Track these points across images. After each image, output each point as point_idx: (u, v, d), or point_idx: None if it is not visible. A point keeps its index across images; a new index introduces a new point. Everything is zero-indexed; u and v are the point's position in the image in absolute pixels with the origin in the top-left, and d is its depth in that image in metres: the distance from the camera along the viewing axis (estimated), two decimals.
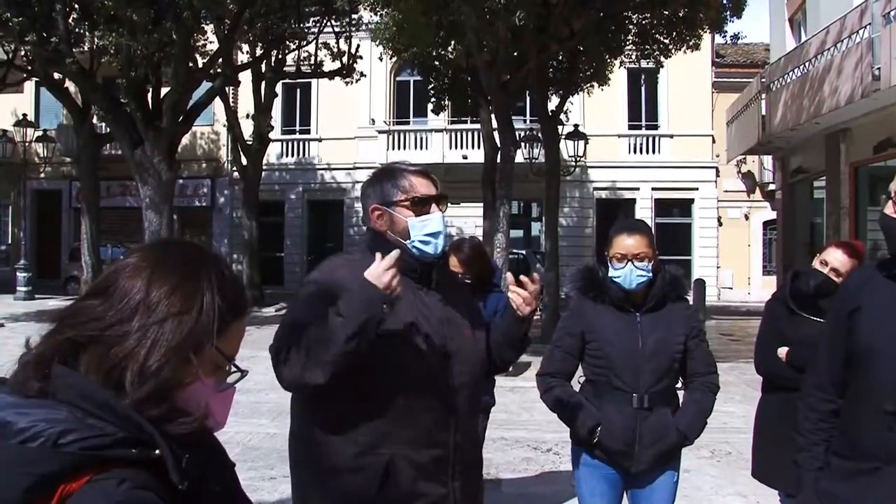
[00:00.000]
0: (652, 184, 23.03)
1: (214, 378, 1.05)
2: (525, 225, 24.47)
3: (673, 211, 23.70)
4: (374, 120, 23.77)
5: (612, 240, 2.75)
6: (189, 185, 24.31)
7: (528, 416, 7.33)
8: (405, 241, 2.00)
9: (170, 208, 14.33)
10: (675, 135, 23.12)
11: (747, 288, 23.41)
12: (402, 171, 2.07)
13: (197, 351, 1.01)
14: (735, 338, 14.15)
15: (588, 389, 2.83)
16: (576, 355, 2.84)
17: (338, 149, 23.76)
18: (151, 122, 14.13)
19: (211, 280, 1.04)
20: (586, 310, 2.81)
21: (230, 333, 1.06)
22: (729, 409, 7.33)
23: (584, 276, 2.85)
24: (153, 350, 0.97)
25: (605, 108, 21.93)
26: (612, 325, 2.74)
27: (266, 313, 16.96)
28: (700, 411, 2.75)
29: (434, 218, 2.03)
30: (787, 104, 12.71)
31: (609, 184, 23.31)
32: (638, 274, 2.68)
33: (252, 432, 6.52)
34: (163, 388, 0.97)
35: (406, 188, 2.03)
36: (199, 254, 1.09)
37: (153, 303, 1.00)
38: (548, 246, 13.61)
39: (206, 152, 24.99)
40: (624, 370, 2.69)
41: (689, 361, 2.78)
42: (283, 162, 24.64)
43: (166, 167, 14.10)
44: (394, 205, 2.02)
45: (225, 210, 24.71)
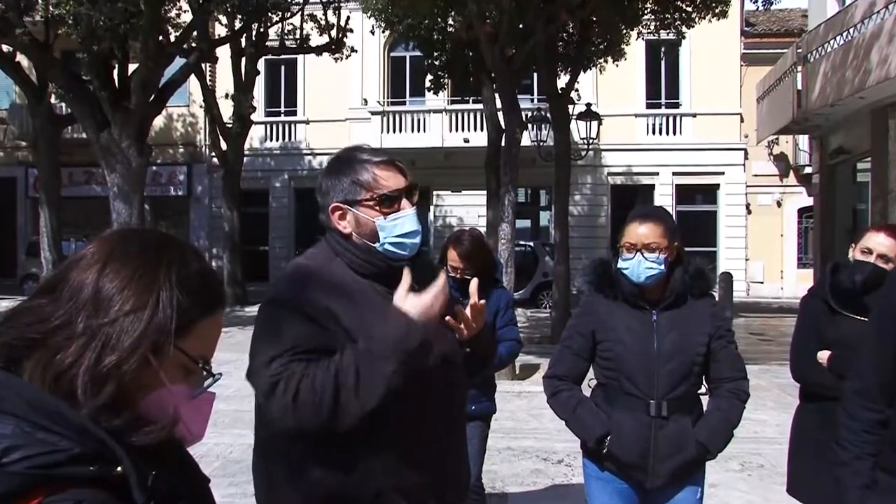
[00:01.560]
0: (672, 168, 23.00)
1: (186, 383, 1.04)
2: (532, 214, 24.47)
3: (696, 198, 23.68)
4: (366, 100, 23.73)
5: (624, 228, 2.76)
6: (163, 173, 24.33)
7: (537, 423, 7.34)
8: (374, 245, 1.95)
9: (141, 198, 14.30)
10: (699, 114, 23.06)
11: (780, 282, 23.40)
12: (363, 162, 1.96)
13: (156, 352, 0.99)
14: (766, 338, 14.16)
15: (599, 394, 2.83)
16: (586, 356, 2.84)
17: (327, 132, 23.72)
18: (118, 102, 13.98)
19: (171, 271, 1.02)
20: (598, 307, 2.80)
21: (198, 332, 1.04)
22: (760, 416, 7.34)
23: (596, 269, 2.84)
24: (104, 353, 0.96)
25: (620, 85, 21.89)
26: (625, 324, 2.73)
27: (249, 313, 16.97)
28: (725, 421, 2.73)
29: (406, 216, 1.95)
30: (827, 76, 12.61)
31: (625, 168, 23.29)
32: (647, 266, 2.66)
33: (233, 444, 6.53)
34: (123, 395, 0.96)
35: (370, 184, 1.94)
36: (159, 242, 1.06)
37: (104, 300, 0.98)
38: (557, 237, 13.60)
39: (182, 136, 24.98)
40: (637, 373, 2.68)
41: (713, 364, 2.76)
42: (266, 147, 24.63)
43: (136, 152, 14.04)
44: (357, 204, 1.94)
45: (203, 200, 24.72)
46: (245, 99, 19.09)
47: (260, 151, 24.34)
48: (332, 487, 1.83)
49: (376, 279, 1.95)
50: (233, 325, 14.35)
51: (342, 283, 1.92)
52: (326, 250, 2.00)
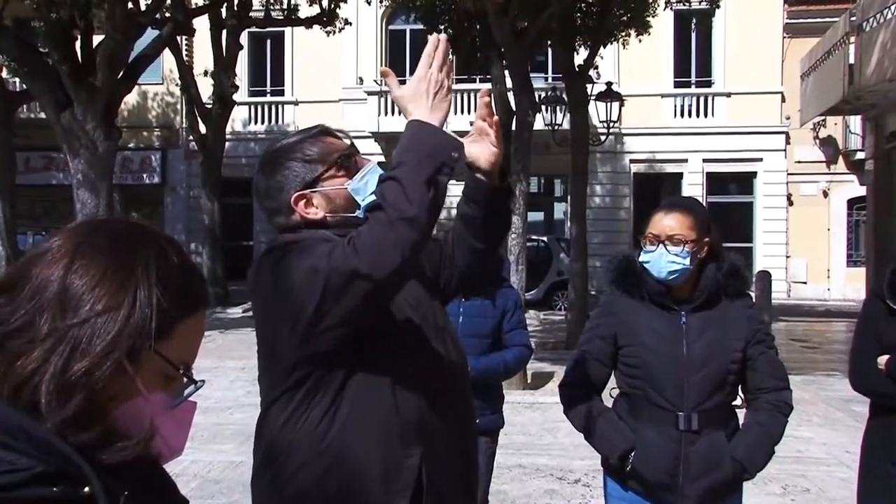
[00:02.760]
0: (703, 154, 22.98)
1: (164, 392, 1.03)
2: (546, 206, 24.46)
3: (730, 187, 23.65)
4: (362, 79, 23.72)
5: (650, 219, 2.77)
6: (134, 159, 24.38)
7: (552, 438, 7.35)
8: (353, 213, 1.95)
9: (109, 186, 14.24)
10: (734, 93, 23.00)
11: (826, 282, 23.33)
12: (302, 141, 2.00)
13: (132, 357, 0.98)
14: (811, 345, 14.13)
15: (622, 405, 2.83)
16: (607, 362, 2.84)
17: (318, 114, 23.69)
18: (82, 79, 13.78)
19: (149, 266, 1.01)
20: (620, 307, 2.81)
21: (179, 334, 1.03)
22: (805, 433, 7.32)
23: (619, 266, 2.85)
24: (73, 359, 0.95)
25: (645, 61, 21.85)
26: (651, 327, 2.73)
27: (232, 314, 17.01)
28: (764, 436, 2.71)
29: (371, 168, 1.99)
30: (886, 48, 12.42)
31: (649, 155, 23.27)
32: (670, 260, 2.66)
33: (212, 461, 6.53)
34: (93, 406, 0.95)
35: (322, 154, 1.97)
36: (134, 233, 1.06)
37: (72, 298, 0.97)
38: (574, 231, 13.59)
39: (156, 118, 25.03)
40: (665, 382, 2.68)
41: (750, 373, 2.75)
42: (251, 130, 24.66)
43: (103, 135, 13.97)
44: (318, 181, 1.96)
45: (180, 189, 24.77)
46: (226, 77, 19.11)
47: (243, 135, 24.37)
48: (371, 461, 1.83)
49: None
50: (213, 328, 14.39)
51: None
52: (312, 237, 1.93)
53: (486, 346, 3.87)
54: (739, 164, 23.06)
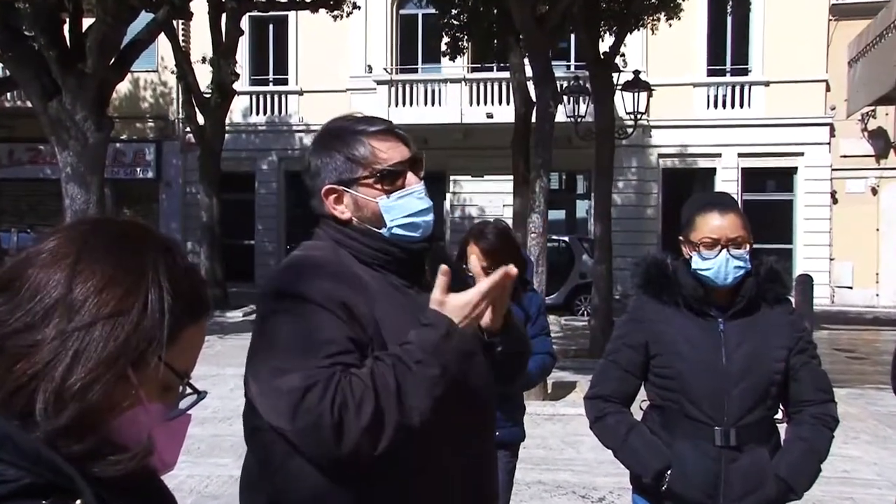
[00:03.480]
0: (739, 148, 22.88)
1: (162, 402, 1.04)
2: (568, 203, 24.44)
3: (767, 184, 23.55)
4: (370, 67, 23.77)
5: (694, 220, 2.73)
6: (127, 151, 24.52)
7: (574, 453, 7.34)
8: (379, 230, 1.95)
9: (100, 181, 14.30)
10: (773, 81, 22.87)
11: (874, 287, 23.10)
12: (357, 133, 1.98)
13: (137, 365, 0.99)
14: (858, 355, 14.02)
15: (654, 419, 2.82)
16: (637, 373, 2.84)
17: (324, 105, 23.77)
18: (71, 65, 13.77)
19: (158, 270, 1.02)
20: (651, 313, 2.80)
21: (184, 342, 1.04)
22: (852, 452, 7.26)
23: (648, 269, 2.84)
24: (76, 364, 0.95)
25: (675, 47, 21.79)
26: (686, 334, 2.72)
27: (231, 318, 17.09)
28: (810, 453, 2.70)
29: (413, 192, 1.97)
30: None
31: (679, 149, 23.21)
32: (735, 265, 2.66)
33: (209, 476, 6.56)
34: (89, 416, 0.95)
35: (367, 158, 1.95)
36: (142, 235, 1.07)
37: (77, 301, 0.98)
38: (598, 231, 13.57)
39: (150, 108, 25.17)
40: (702, 395, 2.67)
41: (793, 385, 2.74)
42: (252, 122, 24.77)
43: (94, 125, 14.02)
44: (354, 183, 1.96)
45: (175, 184, 24.89)
46: (226, 64, 19.17)
47: (244, 127, 24.48)
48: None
49: (390, 269, 1.96)
50: (212, 333, 14.44)
51: (354, 275, 1.91)
52: (327, 240, 2.00)
53: None
54: (778, 159, 22.93)
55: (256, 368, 1.84)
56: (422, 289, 1.97)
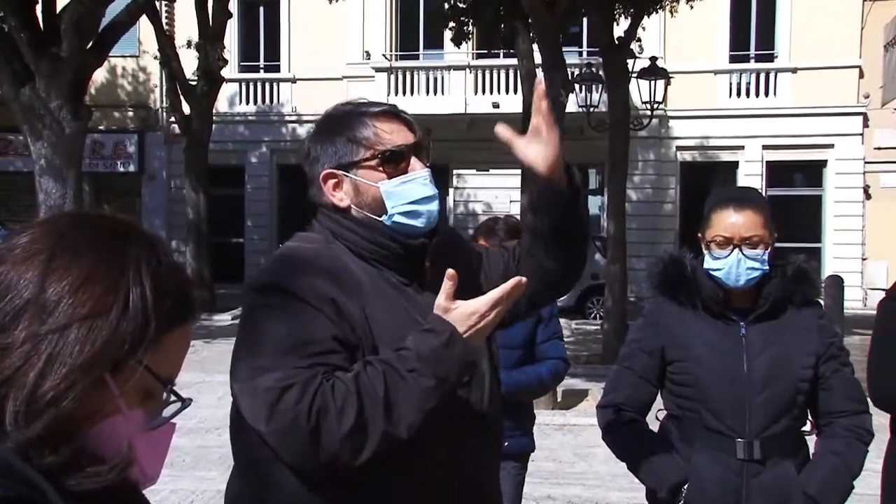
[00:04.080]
0: (763, 140, 22.85)
1: (143, 409, 1.04)
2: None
3: (795, 179, 23.52)
4: (368, 53, 23.77)
5: (709, 216, 2.73)
6: (106, 142, 24.50)
7: (586, 465, 7.35)
8: (379, 218, 1.97)
9: (77, 174, 14.24)
10: (801, 68, 22.83)
11: None
12: (360, 115, 2.01)
13: (116, 370, 0.99)
14: None
15: (671, 429, 2.83)
16: (653, 380, 2.84)
17: (318, 93, 23.77)
18: (45, 49, 13.63)
19: (141, 268, 1.02)
20: (668, 317, 2.80)
21: (168, 345, 1.04)
22: None
23: (665, 269, 2.84)
24: (49, 370, 0.95)
25: (695, 32, 21.77)
26: (705, 339, 2.72)
27: (219, 322, 17.10)
28: (841, 468, 2.69)
29: (418, 176, 1.98)
30: None
31: (699, 141, 23.19)
32: (749, 266, 2.65)
33: (195, 490, 6.56)
34: (64, 425, 0.95)
35: (370, 139, 1.97)
36: (122, 230, 1.06)
37: (51, 301, 0.97)
38: (611, 228, 13.56)
39: (131, 95, 25.16)
40: (723, 404, 2.66)
41: (822, 394, 2.74)
42: (241, 111, 24.78)
43: (70, 114, 13.96)
44: (355, 166, 1.98)
45: (159, 178, 24.92)
46: (213, 49, 19.17)
47: (233, 117, 24.50)
48: None
49: (387, 265, 1.96)
50: (198, 337, 14.45)
51: (346, 271, 1.92)
52: (322, 232, 2.01)
53: (518, 357, 3.86)
54: (807, 152, 22.86)
55: (236, 365, 1.87)
56: (420, 287, 1.98)
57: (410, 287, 1.98)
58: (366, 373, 1.76)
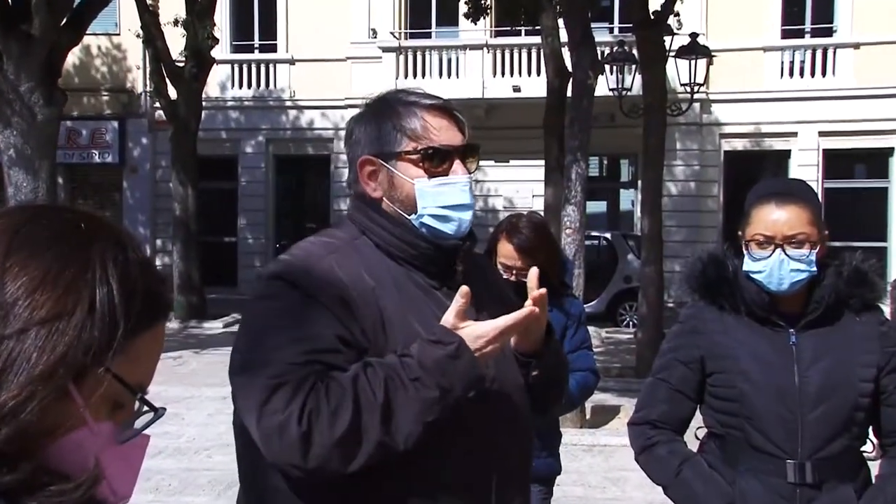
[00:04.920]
0: (820, 126, 22.71)
1: (111, 421, 1.04)
2: (610, 194, 24.42)
3: (856, 169, 23.44)
4: (375, 31, 23.79)
5: (749, 212, 2.73)
6: (82, 130, 24.62)
7: (618, 491, 7.35)
8: (409, 216, 2.04)
9: (51, 165, 14.30)
10: (864, 43, 22.67)
11: None
12: (411, 104, 2.08)
13: (81, 379, 0.98)
14: None
15: (713, 449, 2.82)
16: (691, 394, 2.84)
17: (320, 76, 23.86)
18: (13, 26, 13.66)
19: (106, 265, 1.02)
20: (707, 323, 2.80)
21: (138, 350, 1.04)
22: None
23: (705, 269, 2.83)
24: (5, 380, 0.95)
25: (741, 4, 21.73)
26: (751, 348, 2.71)
27: (210, 330, 17.14)
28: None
29: (458, 182, 2.05)
30: None
31: (746, 127, 23.11)
32: (793, 268, 2.64)
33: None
34: (23, 440, 0.95)
35: (416, 131, 2.04)
36: (86, 224, 1.06)
37: (6, 303, 0.97)
38: (646, 226, 13.54)
39: (110, 78, 25.27)
40: (771, 421, 2.66)
41: (885, 411, 2.73)
42: (234, 96, 24.86)
43: (42, 99, 14.01)
44: (395, 157, 2.04)
45: (142, 170, 25.01)
46: (202, 27, 19.21)
47: (224, 102, 24.59)
48: None
49: (416, 266, 2.03)
50: (187, 346, 14.50)
51: (370, 266, 1.99)
52: (349, 226, 2.09)
53: None
54: (869, 138, 22.70)
55: (232, 356, 1.94)
56: (450, 291, 2.03)
57: (440, 291, 2.05)
58: (365, 376, 1.81)
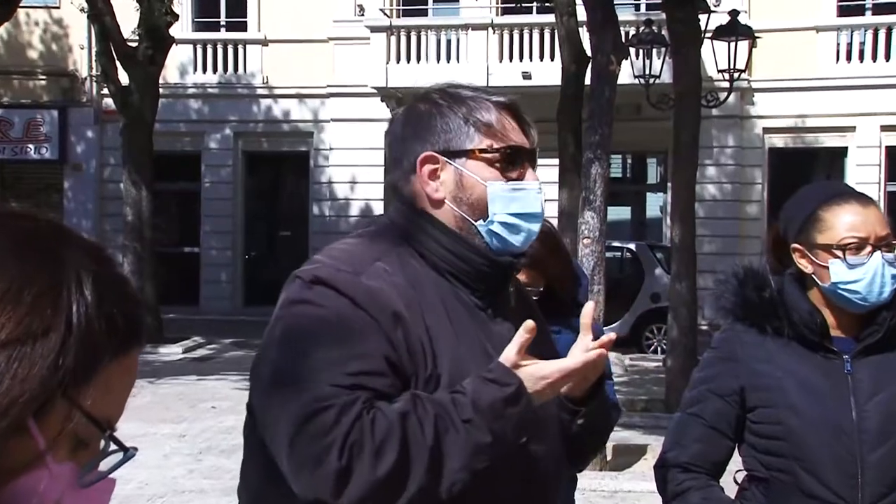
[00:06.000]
0: (882, 119, 22.64)
1: (73, 462, 1.03)
2: (635, 197, 24.44)
3: None
4: (362, 8, 23.76)
5: (820, 215, 2.70)
6: (13, 120, 24.56)
7: None
8: (475, 222, 2.07)
9: None
10: None
11: None
12: (482, 100, 2.14)
13: (42, 412, 0.98)
14: None
15: (755, 496, 2.81)
16: (728, 432, 2.83)
17: (297, 59, 23.84)
18: None
19: (81, 282, 1.01)
20: (747, 349, 2.80)
21: (108, 380, 1.04)
22: None
23: (743, 286, 2.83)
24: None
25: None
26: (800, 378, 2.71)
27: (167, 356, 17.01)
28: None
29: (533, 188, 2.11)
30: None
31: (795, 121, 23.07)
32: (893, 274, 2.64)
33: None
34: None
35: (492, 128, 2.09)
36: (53, 233, 1.06)
37: None
38: (676, 235, 13.52)
39: (47, 59, 25.14)
40: (825, 463, 2.66)
41: None
42: (197, 81, 24.84)
43: None
44: (466, 155, 2.07)
45: (88, 168, 24.93)
46: (160, 1, 19.19)
47: (186, 89, 24.59)
48: None
49: (463, 282, 2.06)
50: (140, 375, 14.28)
51: (417, 279, 2.00)
52: (391, 231, 2.09)
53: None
54: None
55: (261, 367, 1.95)
56: (496, 313, 2.09)
57: (485, 312, 2.07)
58: (414, 411, 1.82)
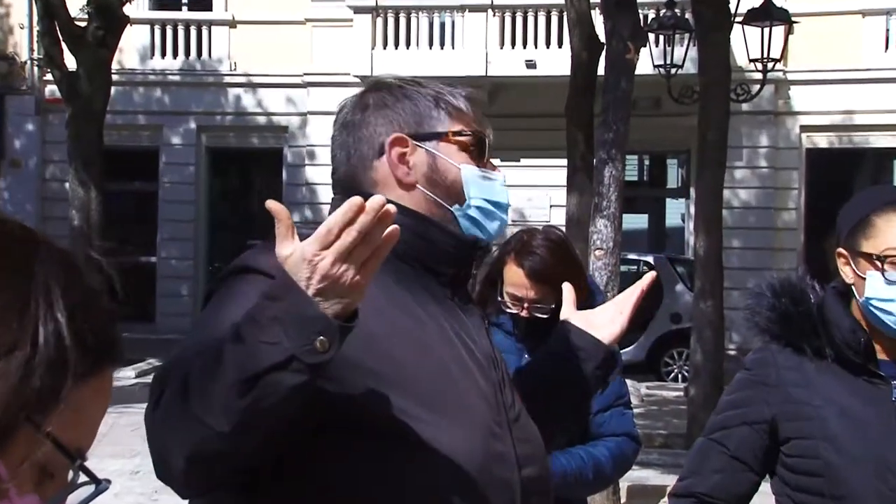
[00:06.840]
0: None
1: (39, 494, 1.04)
2: (654, 203, 24.49)
3: None
4: None
5: (872, 221, 2.71)
6: None
7: None
8: (451, 207, 2.17)
9: None
10: None
11: None
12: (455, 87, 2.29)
13: (4, 438, 0.99)
14: None
15: None
16: (755, 464, 2.85)
17: (269, 43, 23.88)
18: None
19: (51, 294, 1.03)
20: (783, 373, 2.81)
21: (79, 404, 1.05)
22: None
23: (779, 301, 2.85)
24: None
25: None
26: (840, 407, 2.73)
27: (118, 381, 16.82)
28: None
29: (499, 178, 2.28)
30: None
31: (836, 117, 23.10)
32: None
33: None
34: None
35: (462, 111, 2.23)
36: (20, 239, 1.08)
37: None
38: (701, 247, 13.55)
39: None
40: (869, 500, 2.67)
41: None
42: (154, 67, 24.85)
43: None
44: (438, 138, 2.19)
45: (27, 164, 24.94)
46: None
47: (144, 76, 24.61)
48: None
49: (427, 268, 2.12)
50: None
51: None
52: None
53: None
54: None
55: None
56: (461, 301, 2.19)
57: (454, 301, 2.17)
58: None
